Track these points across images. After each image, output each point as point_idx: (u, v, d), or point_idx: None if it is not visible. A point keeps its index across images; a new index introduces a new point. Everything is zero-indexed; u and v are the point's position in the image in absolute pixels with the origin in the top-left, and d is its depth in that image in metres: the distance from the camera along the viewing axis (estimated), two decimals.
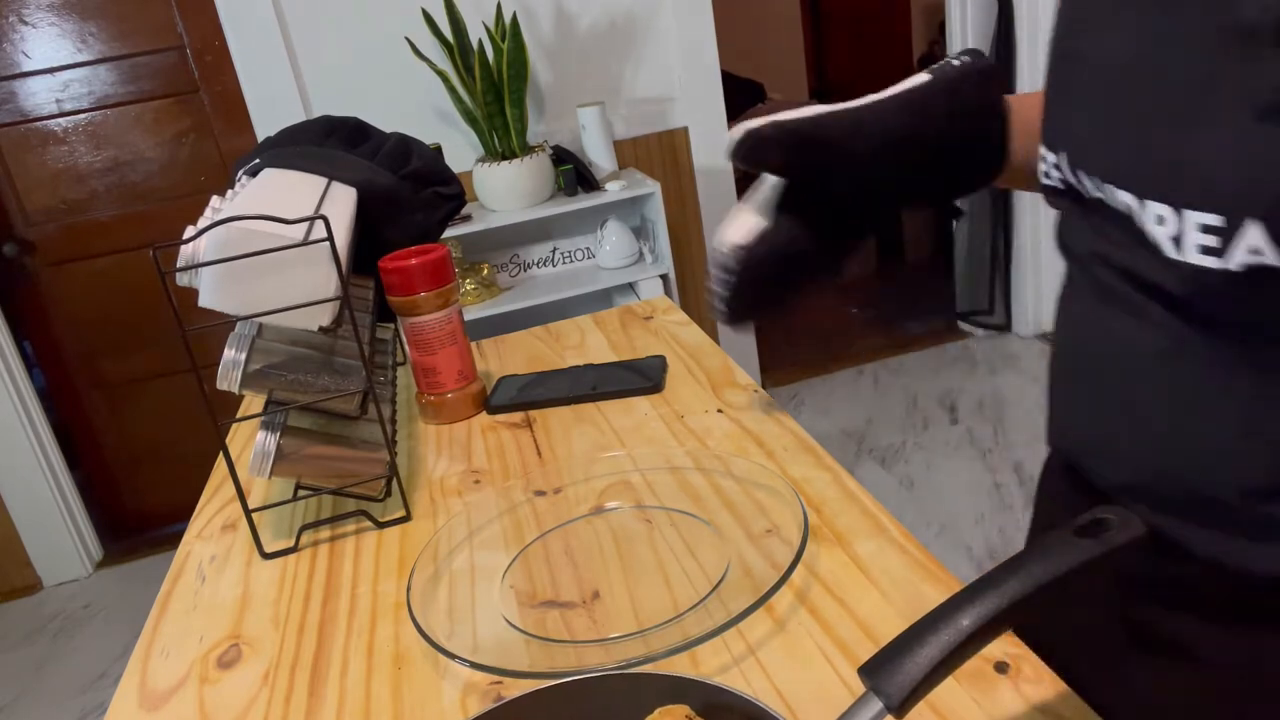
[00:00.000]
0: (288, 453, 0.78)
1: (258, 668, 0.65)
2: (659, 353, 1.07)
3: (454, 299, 0.97)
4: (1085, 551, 0.43)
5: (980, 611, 0.42)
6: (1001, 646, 0.55)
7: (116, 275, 2.71)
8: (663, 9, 2.67)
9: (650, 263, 2.66)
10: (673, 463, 0.81)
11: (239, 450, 1.05)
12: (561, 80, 2.67)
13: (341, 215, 0.87)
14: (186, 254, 0.74)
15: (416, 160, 1.07)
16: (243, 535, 0.84)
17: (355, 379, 0.81)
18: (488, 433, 0.96)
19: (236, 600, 0.74)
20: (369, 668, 0.63)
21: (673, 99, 2.77)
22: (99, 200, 2.67)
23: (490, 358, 1.17)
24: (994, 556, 2.24)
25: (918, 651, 0.41)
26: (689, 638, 0.57)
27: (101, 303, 2.74)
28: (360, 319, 0.84)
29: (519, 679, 0.58)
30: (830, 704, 0.52)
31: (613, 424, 0.93)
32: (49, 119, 2.58)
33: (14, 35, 2.51)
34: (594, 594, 0.66)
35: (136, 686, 0.66)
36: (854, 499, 0.72)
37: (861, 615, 0.60)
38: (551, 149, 2.57)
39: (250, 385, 0.78)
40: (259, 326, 0.81)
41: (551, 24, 2.62)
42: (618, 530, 0.74)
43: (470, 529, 0.76)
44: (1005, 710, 0.50)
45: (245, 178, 0.98)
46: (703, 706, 0.48)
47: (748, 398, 0.93)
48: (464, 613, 0.66)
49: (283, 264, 0.74)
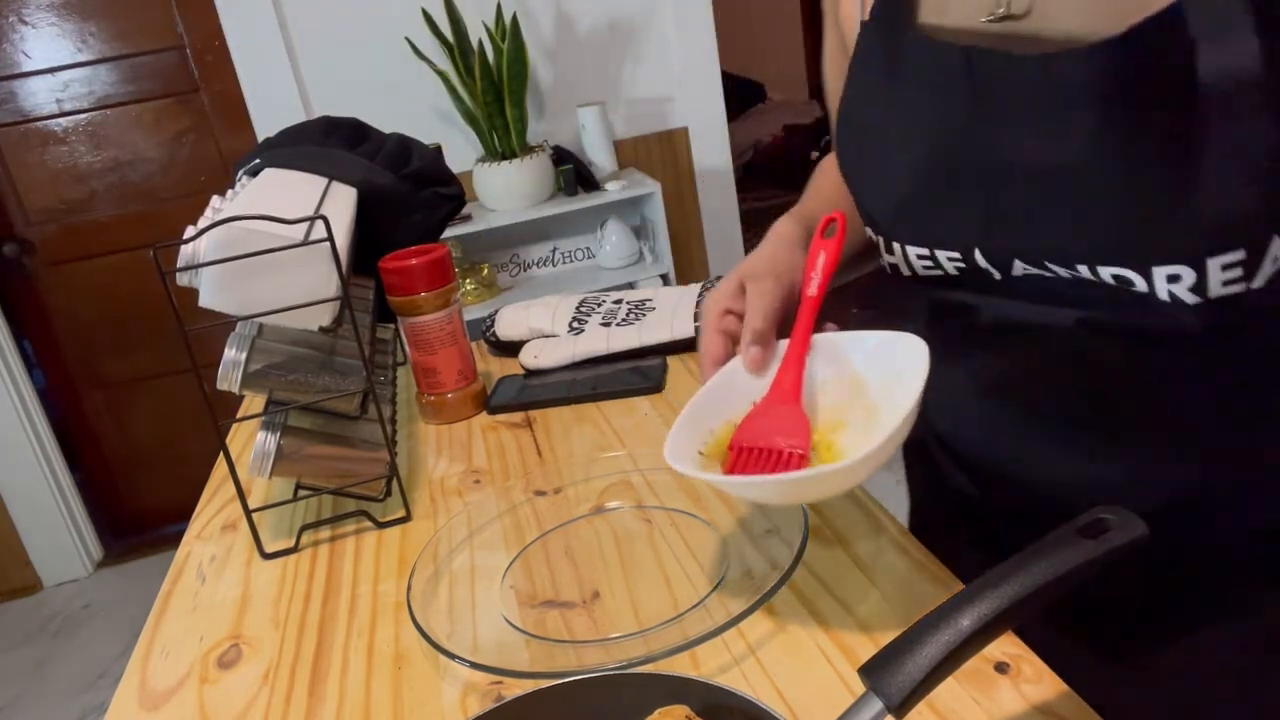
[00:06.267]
0: (288, 453, 0.78)
1: (258, 668, 0.65)
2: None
3: (454, 299, 0.97)
4: (1085, 551, 0.43)
5: (980, 611, 0.42)
6: (1001, 646, 0.55)
7: (116, 275, 2.70)
8: (663, 9, 2.67)
9: (650, 263, 2.66)
10: None
11: (239, 450, 1.05)
12: (561, 80, 2.67)
13: (341, 215, 0.87)
14: (187, 254, 0.74)
15: (416, 160, 1.07)
16: (243, 535, 0.84)
17: (355, 379, 0.81)
18: (488, 433, 0.96)
19: (236, 600, 0.74)
20: (369, 668, 0.63)
21: (673, 99, 2.76)
22: (99, 200, 2.67)
23: (490, 358, 1.17)
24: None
25: (918, 651, 0.41)
26: (689, 638, 0.57)
27: (101, 303, 2.73)
28: (360, 319, 0.84)
29: (519, 679, 0.58)
30: (830, 704, 0.52)
31: (613, 424, 0.93)
32: (49, 119, 2.58)
33: (14, 35, 2.51)
34: (594, 594, 0.66)
35: (136, 686, 0.66)
36: (854, 499, 0.72)
37: (861, 615, 0.60)
38: (551, 149, 2.57)
39: (250, 385, 0.78)
40: (259, 326, 0.81)
41: (551, 24, 2.62)
42: (618, 530, 0.74)
43: (470, 529, 0.76)
44: (1005, 710, 0.50)
45: (245, 178, 0.98)
46: (703, 706, 0.48)
47: None
48: (464, 613, 0.66)
49: (283, 264, 0.74)
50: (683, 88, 2.75)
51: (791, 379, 0.63)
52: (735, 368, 0.66)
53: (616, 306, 1.13)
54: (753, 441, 0.62)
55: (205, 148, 2.68)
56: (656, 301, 1.12)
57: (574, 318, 1.12)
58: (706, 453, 0.63)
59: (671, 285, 2.60)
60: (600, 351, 1.06)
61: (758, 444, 0.62)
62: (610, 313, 1.12)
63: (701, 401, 0.65)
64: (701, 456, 0.63)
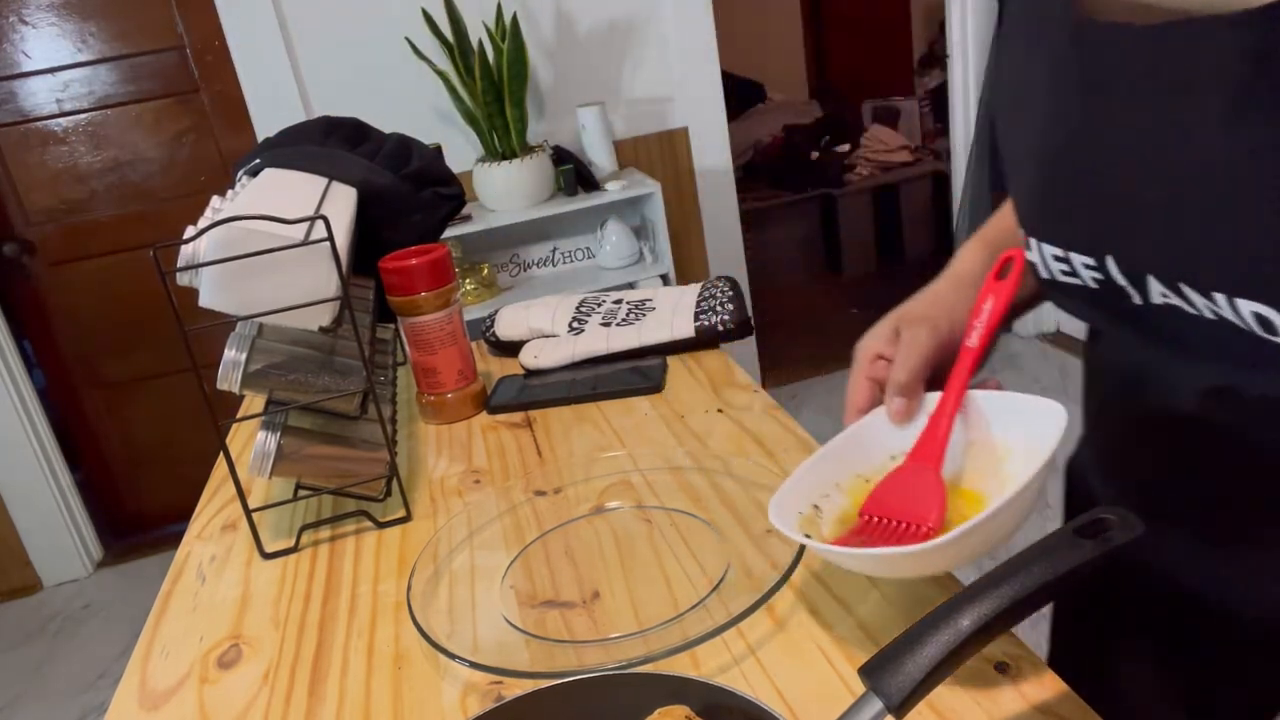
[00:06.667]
0: (288, 453, 0.78)
1: (258, 668, 0.65)
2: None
3: (454, 299, 0.97)
4: (1085, 551, 0.43)
5: (980, 611, 0.42)
6: (1001, 646, 0.55)
7: (116, 275, 2.70)
8: (663, 9, 2.67)
9: (650, 263, 2.66)
10: (673, 463, 0.81)
11: (239, 450, 1.05)
12: (561, 80, 2.67)
13: (341, 215, 0.87)
14: (187, 254, 0.74)
15: (416, 160, 1.07)
16: (243, 535, 0.84)
17: (355, 379, 0.81)
18: (488, 433, 0.96)
19: (236, 600, 0.74)
20: (369, 668, 0.63)
21: (673, 99, 2.76)
22: (99, 200, 2.67)
23: (490, 358, 1.17)
24: (994, 556, 2.24)
25: (918, 652, 0.41)
26: (689, 638, 0.57)
27: (101, 303, 2.73)
28: (360, 319, 0.84)
29: (519, 679, 0.58)
30: (830, 704, 0.52)
31: (613, 424, 0.93)
32: (49, 119, 2.58)
33: (14, 35, 2.51)
34: (594, 594, 0.66)
35: (136, 686, 0.66)
36: None
37: (861, 615, 0.60)
38: (551, 149, 2.57)
39: (250, 385, 0.78)
40: (259, 326, 0.81)
41: (551, 24, 2.62)
42: (618, 530, 0.74)
43: (470, 529, 0.76)
44: (1005, 710, 0.50)
45: (245, 178, 0.98)
46: (703, 706, 0.48)
47: (748, 398, 0.93)
48: (464, 613, 0.66)
49: (283, 264, 0.74)
50: (683, 88, 2.75)
51: (936, 440, 0.59)
52: (877, 418, 0.63)
53: (616, 306, 1.13)
54: (884, 511, 0.59)
55: (205, 148, 2.68)
56: (656, 301, 1.12)
57: (574, 318, 1.12)
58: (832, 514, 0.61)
59: (671, 285, 2.60)
60: (600, 351, 1.06)
61: (889, 514, 0.59)
62: (610, 313, 1.12)
63: (832, 451, 0.62)
64: (818, 512, 0.61)
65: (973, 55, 3.19)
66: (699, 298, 1.09)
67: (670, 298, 1.12)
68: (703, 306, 1.07)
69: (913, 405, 0.61)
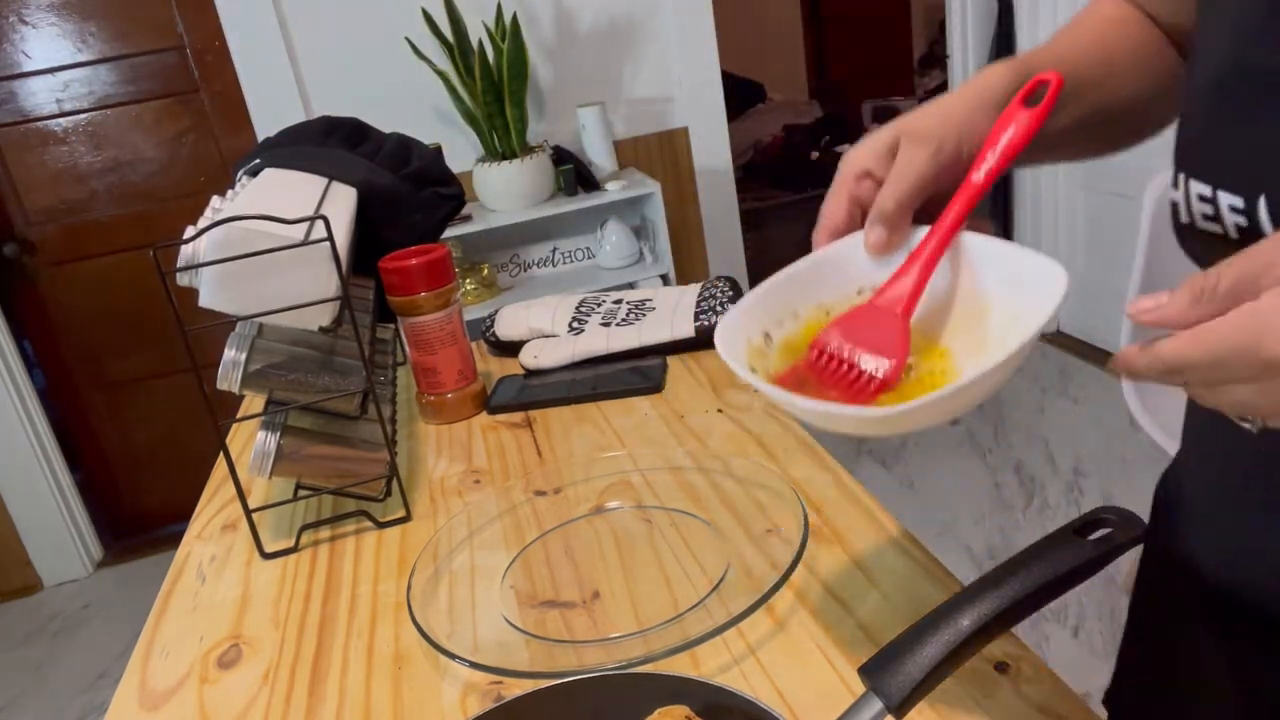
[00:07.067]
0: (288, 453, 0.78)
1: (258, 668, 0.65)
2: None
3: (454, 299, 0.97)
4: (1085, 551, 0.43)
5: (980, 611, 0.42)
6: (1001, 646, 0.55)
7: (116, 275, 2.70)
8: (663, 9, 2.67)
9: (650, 263, 2.66)
10: (673, 463, 0.81)
11: (239, 450, 1.05)
12: (561, 80, 2.67)
13: (341, 215, 0.87)
14: (187, 254, 0.74)
15: (416, 160, 1.07)
16: (243, 535, 0.84)
17: (355, 379, 0.81)
18: (488, 433, 0.96)
19: (236, 600, 0.74)
20: (369, 668, 0.63)
21: (673, 99, 2.77)
22: (99, 200, 2.67)
23: (490, 358, 1.17)
24: (994, 556, 2.24)
25: (918, 651, 0.42)
26: (689, 638, 0.57)
27: (101, 303, 2.73)
28: (360, 319, 0.84)
29: (519, 679, 0.58)
30: (830, 704, 0.52)
31: (613, 424, 0.93)
32: (49, 119, 2.58)
33: (14, 35, 2.51)
34: (594, 594, 0.66)
35: (136, 686, 0.66)
36: (854, 499, 0.72)
37: (861, 615, 0.60)
38: (551, 149, 2.57)
39: (250, 385, 0.78)
40: (259, 326, 0.81)
41: (551, 24, 2.62)
42: (618, 530, 0.74)
43: (470, 529, 0.76)
44: (1005, 710, 0.50)
45: (245, 178, 0.98)
46: (703, 706, 0.48)
47: (748, 398, 0.93)
48: (464, 613, 0.66)
49: (283, 264, 0.74)
50: (683, 88, 2.75)
51: (911, 283, 0.51)
52: (852, 245, 0.53)
53: (616, 306, 1.13)
54: (837, 349, 0.51)
55: (205, 148, 2.68)
56: (656, 301, 1.12)
57: (574, 318, 1.12)
58: (782, 340, 0.53)
59: (671, 285, 2.60)
60: (600, 351, 1.06)
61: (841, 354, 0.51)
62: (610, 313, 1.12)
63: (796, 274, 0.53)
64: (769, 341, 0.53)
65: (973, 55, 3.20)
66: (699, 298, 1.09)
67: (670, 298, 1.12)
68: (703, 306, 1.07)
69: (895, 239, 0.52)
